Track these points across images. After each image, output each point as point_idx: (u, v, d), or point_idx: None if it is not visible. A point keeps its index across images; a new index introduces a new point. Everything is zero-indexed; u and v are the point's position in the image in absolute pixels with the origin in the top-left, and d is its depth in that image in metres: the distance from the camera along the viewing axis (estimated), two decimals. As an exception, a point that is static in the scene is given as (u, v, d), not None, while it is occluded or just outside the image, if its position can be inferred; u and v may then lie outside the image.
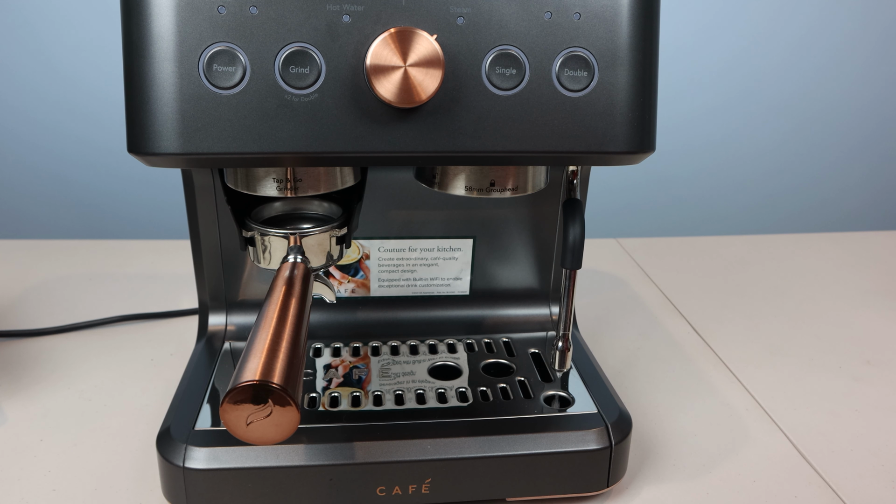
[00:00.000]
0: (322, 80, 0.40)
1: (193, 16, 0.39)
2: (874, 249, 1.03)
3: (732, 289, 0.89)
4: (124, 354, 0.69)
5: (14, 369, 0.66)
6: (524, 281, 0.64)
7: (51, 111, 1.01)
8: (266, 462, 0.46)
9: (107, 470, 0.53)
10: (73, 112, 1.01)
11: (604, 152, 0.43)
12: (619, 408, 0.52)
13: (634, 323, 0.79)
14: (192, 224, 0.57)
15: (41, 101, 1.00)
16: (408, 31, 0.39)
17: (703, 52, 1.17)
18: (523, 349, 0.60)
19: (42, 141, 1.02)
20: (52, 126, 1.02)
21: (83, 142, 1.03)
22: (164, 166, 0.42)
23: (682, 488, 0.52)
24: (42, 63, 0.98)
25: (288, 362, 0.37)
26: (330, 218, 0.53)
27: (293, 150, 0.40)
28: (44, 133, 1.02)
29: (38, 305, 0.79)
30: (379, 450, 0.47)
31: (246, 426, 0.36)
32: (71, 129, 1.02)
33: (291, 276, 0.46)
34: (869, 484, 0.53)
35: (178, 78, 0.39)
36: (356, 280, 0.62)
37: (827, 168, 1.28)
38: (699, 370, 0.69)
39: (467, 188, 0.50)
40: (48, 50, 0.97)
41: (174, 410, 0.50)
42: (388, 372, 0.56)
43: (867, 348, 0.74)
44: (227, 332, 0.60)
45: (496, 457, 0.48)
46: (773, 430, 0.60)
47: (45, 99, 1.00)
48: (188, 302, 0.80)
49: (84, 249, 0.95)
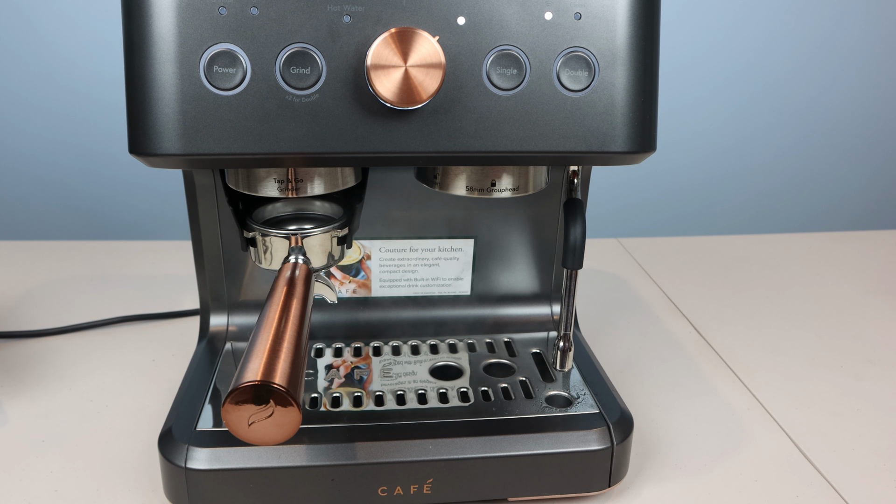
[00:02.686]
0: (323, 80, 0.40)
1: (194, 17, 0.39)
2: (875, 249, 1.03)
3: (734, 288, 0.89)
4: (126, 355, 0.69)
5: (16, 370, 0.66)
6: (525, 281, 0.65)
7: (51, 112, 1.01)
8: (268, 462, 0.46)
9: (109, 470, 0.53)
10: (73, 112, 1.01)
11: (604, 152, 0.43)
12: (621, 408, 0.52)
13: (635, 323, 0.79)
14: (194, 225, 0.57)
15: (41, 101, 1.00)
16: (408, 32, 0.39)
17: (705, 56, 1.18)
18: (524, 349, 0.60)
19: (43, 142, 1.03)
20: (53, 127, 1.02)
21: (84, 142, 1.03)
22: (166, 167, 0.42)
23: (683, 488, 0.52)
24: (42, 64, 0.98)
25: (289, 363, 0.37)
26: (331, 218, 0.53)
27: (294, 151, 0.41)
28: (45, 134, 1.02)
29: (40, 306, 0.79)
30: (380, 450, 0.47)
31: (248, 426, 0.37)
32: (73, 129, 1.02)
33: (293, 277, 0.46)
34: (870, 483, 0.53)
35: (179, 79, 0.39)
36: (357, 280, 0.62)
37: (829, 170, 1.28)
38: (700, 370, 0.69)
39: (468, 188, 0.50)
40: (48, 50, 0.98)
41: (176, 411, 0.50)
42: (390, 372, 0.56)
43: (869, 348, 0.74)
44: (228, 333, 0.60)
45: (498, 457, 0.48)
46: (774, 429, 0.60)
47: (44, 100, 1.00)
48: (189, 303, 0.80)
49: (86, 250, 0.95)
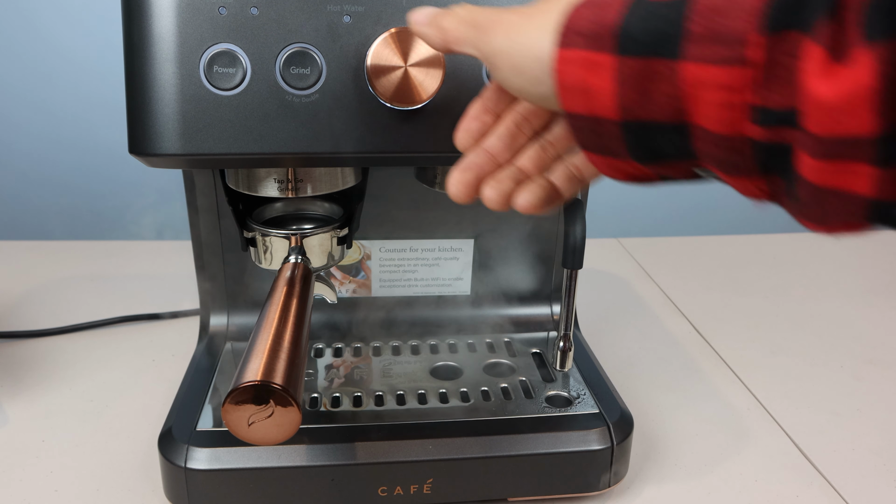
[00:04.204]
0: (323, 80, 0.40)
1: (194, 17, 0.39)
2: (874, 249, 1.03)
3: (734, 288, 0.89)
4: (126, 355, 0.69)
5: (16, 370, 0.66)
6: (525, 281, 0.64)
7: (51, 112, 1.01)
8: (268, 462, 0.46)
9: (109, 471, 0.53)
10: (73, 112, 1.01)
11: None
12: (621, 407, 0.52)
13: (635, 323, 0.79)
14: (194, 225, 0.57)
15: (41, 101, 1.00)
16: (408, 32, 0.39)
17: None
18: (524, 349, 0.60)
19: (43, 142, 1.02)
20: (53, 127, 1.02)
21: (84, 142, 1.03)
22: (166, 167, 0.42)
23: (683, 488, 0.52)
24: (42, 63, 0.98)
25: (289, 363, 0.37)
26: (331, 218, 0.53)
27: (294, 151, 0.41)
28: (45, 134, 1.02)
29: (40, 306, 0.79)
30: (380, 450, 0.47)
31: (247, 426, 0.37)
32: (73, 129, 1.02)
33: (292, 277, 0.46)
34: (870, 483, 0.53)
35: (179, 79, 0.39)
36: (357, 280, 0.62)
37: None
38: (700, 370, 0.69)
39: (468, 188, 0.50)
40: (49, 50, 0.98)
41: (176, 411, 0.50)
42: (390, 372, 0.56)
43: (868, 347, 0.74)
44: (228, 333, 0.60)
45: (498, 457, 0.48)
46: (774, 429, 0.60)
47: (44, 100, 1.00)
48: (189, 303, 0.80)
49: (86, 250, 0.95)
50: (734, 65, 0.25)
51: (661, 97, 0.27)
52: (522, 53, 0.30)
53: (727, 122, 0.26)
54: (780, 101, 0.24)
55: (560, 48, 0.29)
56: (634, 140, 0.29)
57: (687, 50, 0.26)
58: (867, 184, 0.23)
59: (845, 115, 0.22)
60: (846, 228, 0.25)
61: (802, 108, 0.23)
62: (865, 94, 0.21)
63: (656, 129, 0.28)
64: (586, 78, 0.28)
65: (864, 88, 0.21)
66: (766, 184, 0.27)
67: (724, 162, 0.27)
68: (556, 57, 0.29)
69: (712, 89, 0.25)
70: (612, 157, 0.30)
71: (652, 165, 0.30)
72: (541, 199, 0.35)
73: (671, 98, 0.27)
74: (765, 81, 0.24)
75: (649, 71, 0.27)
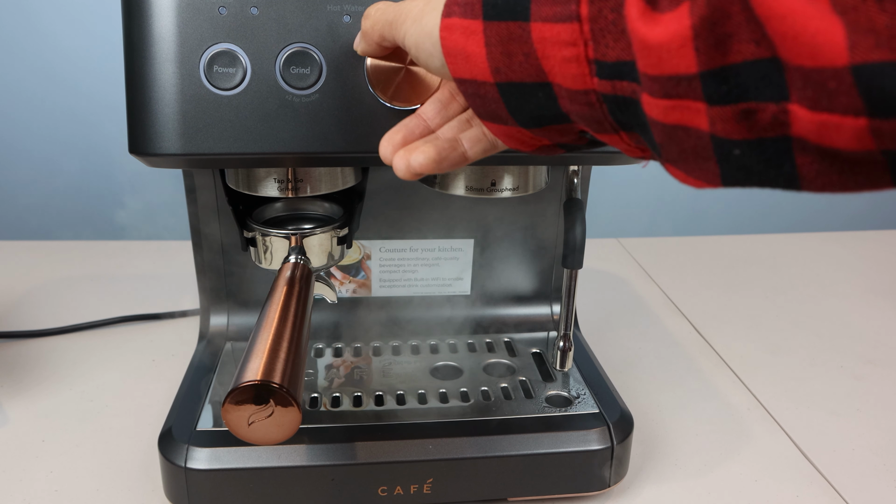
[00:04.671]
0: (323, 80, 0.40)
1: (194, 17, 0.39)
2: (874, 249, 1.03)
3: (734, 288, 0.89)
4: (126, 355, 0.69)
5: (16, 370, 0.66)
6: (525, 281, 0.64)
7: (51, 112, 1.01)
8: (268, 462, 0.46)
9: (109, 470, 0.53)
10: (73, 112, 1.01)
11: (605, 152, 0.43)
12: (621, 407, 0.52)
13: (636, 322, 0.79)
14: (194, 225, 0.57)
15: (41, 101, 1.00)
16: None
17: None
18: (525, 349, 0.60)
19: (43, 142, 1.03)
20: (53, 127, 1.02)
21: (84, 142, 1.03)
22: (166, 167, 0.42)
23: (683, 488, 0.52)
24: (42, 63, 0.98)
25: (289, 362, 0.37)
26: (331, 218, 0.53)
27: (294, 151, 0.41)
28: (45, 134, 1.02)
29: (40, 306, 0.79)
30: (380, 450, 0.47)
31: (248, 426, 0.37)
32: (73, 129, 1.02)
33: (293, 277, 0.46)
34: (870, 483, 0.53)
35: (179, 79, 0.39)
36: (357, 280, 0.62)
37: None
38: (700, 370, 0.69)
39: (468, 188, 0.50)
40: (49, 49, 0.98)
41: (176, 411, 0.50)
42: (390, 372, 0.56)
43: (868, 347, 0.74)
44: (228, 333, 0.60)
45: (498, 457, 0.48)
46: (774, 429, 0.60)
47: (45, 99, 1.00)
48: (189, 302, 0.80)
49: (86, 250, 0.95)
50: (571, 21, 0.27)
51: (522, 57, 0.29)
52: (425, 33, 0.33)
53: (578, 78, 0.28)
54: (615, 55, 0.26)
55: (443, 18, 0.32)
56: (513, 103, 0.31)
57: (534, 11, 0.28)
58: (704, 119, 0.24)
59: (670, 55, 0.24)
60: (705, 177, 0.26)
61: (636, 56, 0.25)
62: (685, 33, 0.23)
63: (526, 90, 0.30)
64: (464, 44, 0.31)
65: (684, 28, 0.23)
66: (631, 139, 0.29)
67: (588, 118, 0.29)
68: (440, 26, 0.32)
69: (558, 46, 0.28)
70: (502, 123, 0.32)
71: (538, 130, 0.32)
72: (432, 159, 0.35)
73: (530, 57, 0.29)
74: (599, 35, 0.27)
75: (508, 33, 0.29)
